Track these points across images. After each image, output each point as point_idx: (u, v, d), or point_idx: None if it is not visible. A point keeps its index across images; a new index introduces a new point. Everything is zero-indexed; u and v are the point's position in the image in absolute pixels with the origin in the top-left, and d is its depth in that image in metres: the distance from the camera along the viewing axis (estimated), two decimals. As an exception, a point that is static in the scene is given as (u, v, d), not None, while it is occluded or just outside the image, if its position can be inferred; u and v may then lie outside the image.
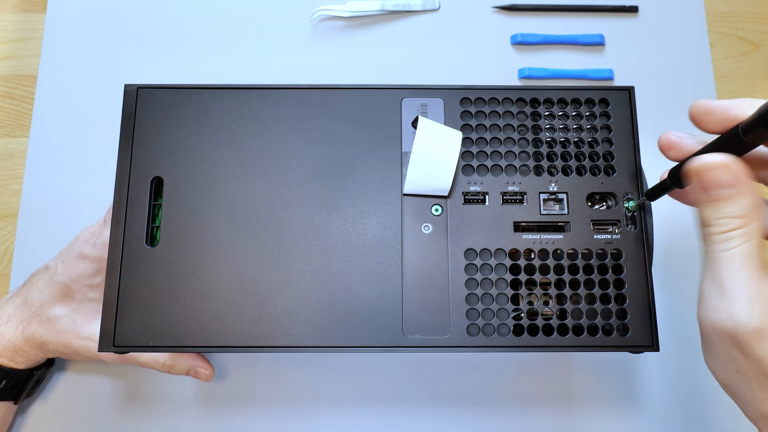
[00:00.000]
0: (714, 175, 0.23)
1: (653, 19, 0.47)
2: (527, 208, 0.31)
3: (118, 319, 0.29)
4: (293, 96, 0.32)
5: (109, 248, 0.30)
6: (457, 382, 0.39)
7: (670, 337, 0.39)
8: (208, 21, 0.47)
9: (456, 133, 0.31)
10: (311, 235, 0.30)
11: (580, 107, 0.32)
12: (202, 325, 0.29)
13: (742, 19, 0.48)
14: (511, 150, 0.32)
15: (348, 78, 0.45)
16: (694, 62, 0.46)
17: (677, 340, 0.40)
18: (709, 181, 0.23)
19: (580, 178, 0.31)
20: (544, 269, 0.30)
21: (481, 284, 0.30)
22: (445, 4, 0.47)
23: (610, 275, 0.30)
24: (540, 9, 0.47)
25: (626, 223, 0.30)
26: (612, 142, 0.31)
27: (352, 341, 0.29)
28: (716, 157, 0.23)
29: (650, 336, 0.29)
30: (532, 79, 0.45)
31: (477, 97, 0.32)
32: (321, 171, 0.31)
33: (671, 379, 0.39)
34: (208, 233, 0.30)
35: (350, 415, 0.39)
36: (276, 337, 0.29)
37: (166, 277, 0.30)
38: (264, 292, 0.30)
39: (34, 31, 0.47)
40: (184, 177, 0.31)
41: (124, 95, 0.32)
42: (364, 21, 0.47)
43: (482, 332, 0.29)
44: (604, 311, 0.29)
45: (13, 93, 0.46)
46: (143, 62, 0.45)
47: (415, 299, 0.30)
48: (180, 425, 0.39)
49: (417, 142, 0.30)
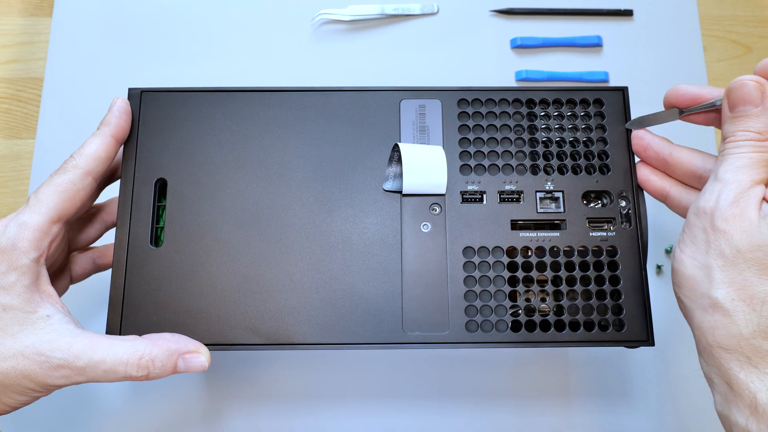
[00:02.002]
0: (743, 93, 0.25)
1: (648, 22, 0.47)
2: (524, 207, 0.31)
3: (123, 318, 0.30)
4: (294, 98, 0.33)
5: (115, 248, 0.30)
6: (456, 378, 0.40)
7: (665, 331, 0.40)
8: (211, 25, 0.47)
9: (436, 147, 0.32)
10: (312, 235, 0.31)
11: (576, 107, 0.33)
12: (206, 323, 0.30)
13: (735, 22, 0.49)
14: (508, 150, 0.32)
15: (348, 80, 0.46)
16: (688, 65, 0.46)
17: (672, 334, 0.40)
18: (737, 98, 0.26)
19: (575, 177, 0.32)
20: (541, 266, 0.30)
21: (480, 281, 0.30)
22: (444, 8, 0.48)
23: (605, 272, 0.30)
24: (537, 13, 0.48)
25: (621, 220, 0.31)
26: (606, 141, 0.32)
27: (353, 338, 0.30)
28: (748, 76, 0.26)
29: (645, 331, 0.30)
30: (528, 82, 0.46)
31: (474, 99, 0.33)
32: (321, 171, 0.32)
33: (666, 374, 0.40)
34: (211, 233, 0.31)
35: (351, 411, 0.39)
36: (278, 335, 0.30)
37: (170, 277, 0.30)
38: (266, 291, 0.30)
39: (40, 35, 0.48)
40: (187, 178, 0.32)
41: (128, 98, 0.33)
42: (364, 25, 0.48)
43: (481, 329, 0.30)
44: (600, 307, 0.30)
45: (20, 95, 0.46)
46: (147, 66, 0.46)
47: (415, 296, 0.30)
48: (182, 423, 0.39)
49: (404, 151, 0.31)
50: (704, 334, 0.25)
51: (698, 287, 0.25)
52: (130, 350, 0.26)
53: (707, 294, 0.25)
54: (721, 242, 0.24)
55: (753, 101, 0.25)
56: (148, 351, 0.27)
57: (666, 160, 0.30)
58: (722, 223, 0.25)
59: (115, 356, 0.26)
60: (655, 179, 0.31)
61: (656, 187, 0.31)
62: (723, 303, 0.24)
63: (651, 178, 0.31)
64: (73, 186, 0.29)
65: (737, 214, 0.24)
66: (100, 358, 0.26)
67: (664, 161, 0.30)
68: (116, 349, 0.26)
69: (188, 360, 0.27)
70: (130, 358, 0.26)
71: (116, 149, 0.31)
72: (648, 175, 0.31)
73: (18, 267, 0.26)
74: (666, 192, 0.30)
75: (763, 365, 0.23)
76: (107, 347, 0.26)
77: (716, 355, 0.25)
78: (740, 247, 0.24)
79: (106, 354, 0.26)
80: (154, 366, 0.27)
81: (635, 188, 0.31)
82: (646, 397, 0.40)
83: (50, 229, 0.28)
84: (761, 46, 0.48)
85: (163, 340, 0.27)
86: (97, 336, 0.27)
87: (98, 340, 0.27)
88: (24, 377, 0.26)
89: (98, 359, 0.26)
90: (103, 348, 0.26)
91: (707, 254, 0.25)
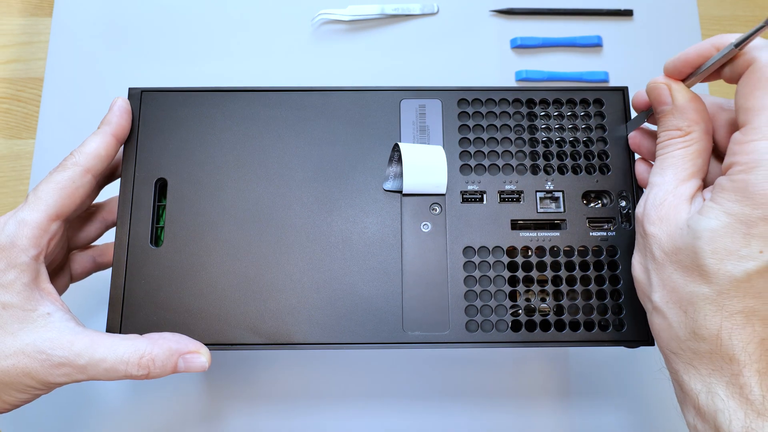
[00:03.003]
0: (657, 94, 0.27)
1: (648, 22, 0.47)
2: (524, 207, 0.31)
3: (123, 318, 0.30)
4: (294, 98, 0.33)
5: (115, 248, 0.30)
6: (456, 378, 0.40)
7: (666, 334, 0.40)
8: (211, 25, 0.47)
9: (436, 147, 0.32)
10: (312, 235, 0.31)
11: (576, 107, 0.33)
12: (206, 323, 0.30)
13: (735, 22, 0.49)
14: (508, 150, 0.32)
15: (348, 80, 0.46)
16: (689, 64, 0.46)
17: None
18: (654, 100, 0.27)
19: (575, 177, 0.32)
20: (541, 266, 0.30)
21: (480, 281, 0.30)
22: (444, 8, 0.48)
23: (605, 272, 0.30)
24: (537, 13, 0.48)
25: (621, 220, 0.31)
26: (606, 141, 0.32)
27: (353, 338, 0.30)
28: (657, 78, 0.27)
29: (645, 331, 0.30)
30: (528, 82, 0.46)
31: (474, 98, 0.33)
32: (322, 171, 0.32)
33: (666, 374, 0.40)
34: (211, 233, 0.31)
35: (351, 411, 0.39)
36: (278, 335, 0.30)
37: (170, 277, 0.30)
38: (266, 291, 0.30)
39: (40, 35, 0.48)
40: (187, 178, 0.32)
41: (129, 98, 0.33)
42: (364, 24, 0.48)
43: (481, 328, 0.30)
44: (600, 307, 0.30)
45: (20, 95, 0.46)
46: (147, 66, 0.46)
47: (415, 296, 0.30)
48: (182, 422, 0.39)
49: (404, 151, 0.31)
50: (655, 336, 0.26)
51: (644, 290, 0.26)
52: (131, 349, 0.26)
53: (649, 297, 0.26)
54: (652, 246, 0.25)
55: (665, 101, 0.27)
56: (149, 350, 0.27)
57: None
58: (650, 227, 0.25)
59: (116, 355, 0.26)
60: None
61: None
62: (660, 306, 0.25)
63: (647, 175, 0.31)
64: (72, 183, 0.29)
65: (662, 217, 0.25)
66: (101, 356, 0.26)
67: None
68: (117, 347, 0.26)
69: (189, 360, 0.27)
70: (131, 357, 0.26)
71: (116, 148, 0.31)
72: (644, 173, 0.31)
73: (17, 265, 0.26)
74: None
75: (702, 367, 0.23)
76: (108, 346, 0.26)
77: (666, 357, 0.26)
78: (666, 250, 0.24)
79: (107, 353, 0.26)
80: (154, 365, 0.27)
81: (635, 188, 0.31)
82: (647, 396, 0.40)
83: (49, 227, 0.28)
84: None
85: (163, 339, 0.27)
86: (98, 334, 0.27)
87: (99, 338, 0.27)
88: (25, 375, 0.26)
89: (99, 358, 0.26)
90: (105, 346, 0.26)
91: (645, 258, 0.26)
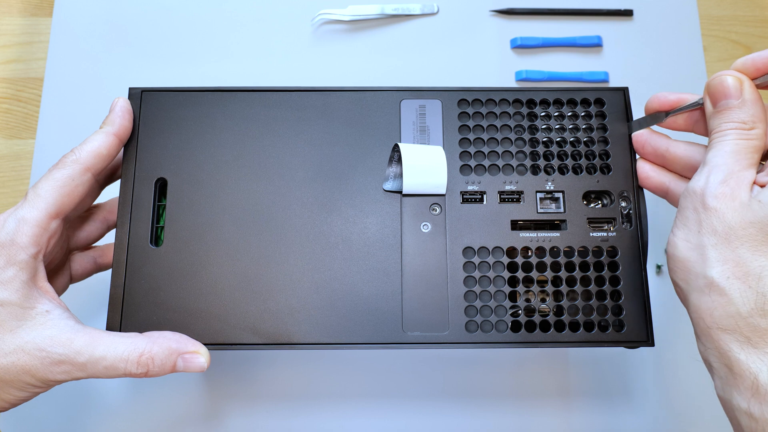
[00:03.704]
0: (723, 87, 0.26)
1: (648, 22, 0.47)
2: (524, 207, 0.31)
3: (123, 318, 0.30)
4: (294, 98, 0.33)
5: (115, 248, 0.30)
6: (456, 378, 0.40)
7: (665, 332, 0.40)
8: (211, 25, 0.47)
9: (436, 147, 0.32)
10: (312, 235, 0.31)
11: (576, 108, 0.33)
12: (206, 323, 0.30)
13: (735, 22, 0.49)
14: (508, 150, 0.32)
15: (348, 81, 0.46)
16: (688, 65, 0.46)
17: (672, 335, 0.40)
18: (718, 93, 0.26)
19: (576, 177, 0.32)
20: (541, 267, 0.30)
21: (480, 282, 0.30)
22: (444, 8, 0.48)
23: (605, 272, 0.30)
24: (537, 13, 0.48)
25: (622, 221, 0.31)
26: (607, 141, 0.32)
27: (353, 338, 0.30)
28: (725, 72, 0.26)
29: (645, 331, 0.30)
30: (528, 82, 0.46)
31: (474, 99, 0.33)
32: (322, 171, 0.32)
33: (666, 374, 0.40)
34: (211, 233, 0.31)
35: (351, 411, 0.39)
36: (278, 335, 0.30)
37: (170, 277, 0.30)
38: (266, 291, 0.30)
39: (40, 35, 0.48)
40: (187, 178, 0.32)
41: (129, 98, 0.33)
42: (364, 25, 0.48)
43: (480, 329, 0.30)
44: (600, 307, 0.30)
45: (20, 95, 0.46)
46: (147, 66, 0.46)
47: (415, 297, 0.30)
48: (182, 422, 0.39)
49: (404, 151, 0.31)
50: (702, 316, 0.25)
51: (693, 268, 0.25)
52: (131, 347, 0.26)
53: (702, 274, 0.24)
54: (712, 220, 0.24)
55: (733, 94, 0.26)
56: (149, 349, 0.27)
57: (664, 155, 0.30)
58: (713, 201, 0.25)
59: (116, 353, 0.26)
60: (655, 175, 0.31)
61: (656, 183, 0.31)
62: (718, 282, 0.24)
63: (651, 174, 0.31)
64: (72, 181, 0.28)
65: (727, 193, 0.24)
66: (101, 354, 0.26)
67: (662, 156, 0.30)
68: (117, 346, 0.26)
69: (188, 360, 0.27)
70: (131, 356, 0.26)
71: (118, 148, 0.31)
72: (648, 171, 0.31)
73: (17, 262, 0.26)
74: (666, 187, 0.30)
75: (762, 344, 0.23)
76: (108, 344, 0.26)
77: (715, 337, 0.24)
78: (732, 224, 0.24)
79: (106, 351, 0.26)
80: (153, 364, 0.27)
81: (636, 188, 0.31)
82: (646, 397, 0.40)
83: (49, 225, 0.28)
84: (761, 46, 0.48)
85: (163, 338, 0.27)
86: (98, 332, 0.27)
87: (99, 336, 0.27)
88: (24, 372, 0.25)
89: (99, 356, 0.26)
90: (104, 344, 0.26)
91: (699, 234, 0.25)
